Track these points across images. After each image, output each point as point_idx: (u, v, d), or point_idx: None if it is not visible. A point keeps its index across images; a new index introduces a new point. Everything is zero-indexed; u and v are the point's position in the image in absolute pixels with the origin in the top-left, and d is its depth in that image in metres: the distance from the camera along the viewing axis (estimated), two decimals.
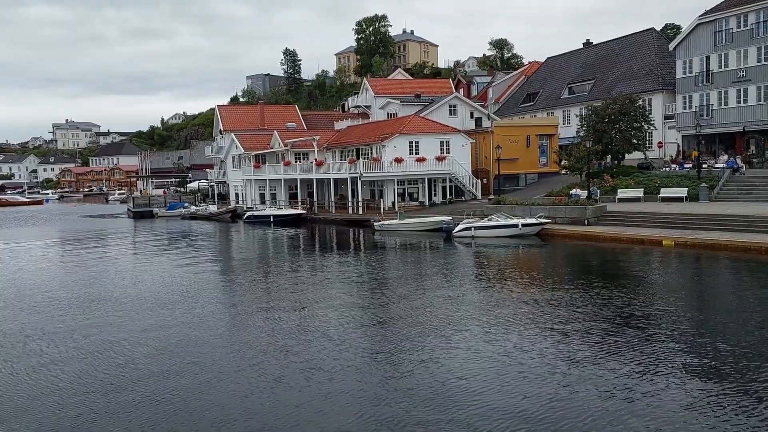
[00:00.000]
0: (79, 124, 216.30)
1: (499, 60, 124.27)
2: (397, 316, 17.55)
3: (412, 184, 49.37)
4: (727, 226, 28.51)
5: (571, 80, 63.85)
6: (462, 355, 13.64)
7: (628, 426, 9.86)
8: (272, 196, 57.70)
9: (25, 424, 10.75)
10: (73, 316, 18.68)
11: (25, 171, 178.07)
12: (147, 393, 11.98)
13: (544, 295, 19.35)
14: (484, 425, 10.05)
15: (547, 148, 53.30)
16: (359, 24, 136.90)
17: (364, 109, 72.12)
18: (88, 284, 24.23)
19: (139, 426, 10.51)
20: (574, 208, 34.68)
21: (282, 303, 19.80)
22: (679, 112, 49.05)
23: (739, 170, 38.80)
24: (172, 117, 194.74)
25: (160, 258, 31.93)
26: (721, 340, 14.04)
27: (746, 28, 43.92)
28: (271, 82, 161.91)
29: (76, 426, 10.64)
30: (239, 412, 10.94)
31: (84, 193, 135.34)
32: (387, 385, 12.01)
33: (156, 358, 14.15)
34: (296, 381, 12.41)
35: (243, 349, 14.74)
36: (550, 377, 12.02)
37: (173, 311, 18.84)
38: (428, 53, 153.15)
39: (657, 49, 55.41)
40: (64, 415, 11.08)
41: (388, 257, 30.55)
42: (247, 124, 65.58)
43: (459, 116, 57.67)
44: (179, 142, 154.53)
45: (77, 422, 10.78)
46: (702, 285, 21.41)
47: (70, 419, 10.91)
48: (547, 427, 9.92)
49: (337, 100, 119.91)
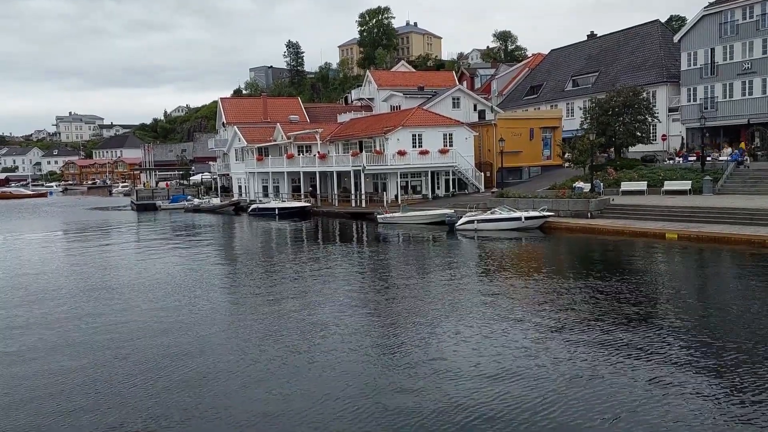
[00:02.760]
0: (82, 116, 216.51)
1: (502, 52, 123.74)
2: (399, 307, 17.58)
3: (415, 176, 49.31)
4: (731, 219, 28.43)
5: (575, 72, 63.59)
6: (463, 345, 13.66)
7: (627, 415, 9.91)
8: (275, 188, 57.74)
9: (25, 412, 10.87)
10: (75, 305, 18.76)
11: (28, 163, 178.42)
12: (147, 381, 12.07)
13: (545, 287, 19.35)
14: (485, 412, 10.09)
15: (550, 140, 53.14)
16: (362, 16, 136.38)
17: (367, 102, 71.93)
18: (90, 276, 24.31)
19: (138, 411, 10.61)
20: (578, 201, 34.61)
21: (287, 293, 19.87)
22: (684, 104, 48.83)
23: (744, 163, 38.66)
24: (175, 110, 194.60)
25: (163, 250, 32.00)
26: (722, 333, 14.03)
27: (752, 20, 43.62)
28: (274, 75, 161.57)
29: (75, 414, 10.75)
30: (240, 400, 11.00)
31: (88, 186, 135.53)
32: (388, 372, 12.06)
33: (157, 345, 14.22)
34: (299, 368, 12.48)
35: (246, 336, 14.80)
36: (552, 368, 12.06)
37: (178, 301, 18.91)
38: (432, 45, 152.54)
39: (662, 41, 55.12)
40: (66, 402, 11.18)
41: (391, 250, 30.58)
42: (250, 117, 65.49)
43: (462, 109, 57.45)
44: (182, 135, 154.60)
45: (77, 412, 10.88)
46: (705, 278, 21.38)
47: (74, 406, 11.02)
48: (546, 417, 9.96)
49: (340, 92, 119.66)
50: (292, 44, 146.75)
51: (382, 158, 47.47)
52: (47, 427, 10.44)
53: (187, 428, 10.25)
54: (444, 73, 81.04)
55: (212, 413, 10.70)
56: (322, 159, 51.98)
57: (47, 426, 10.46)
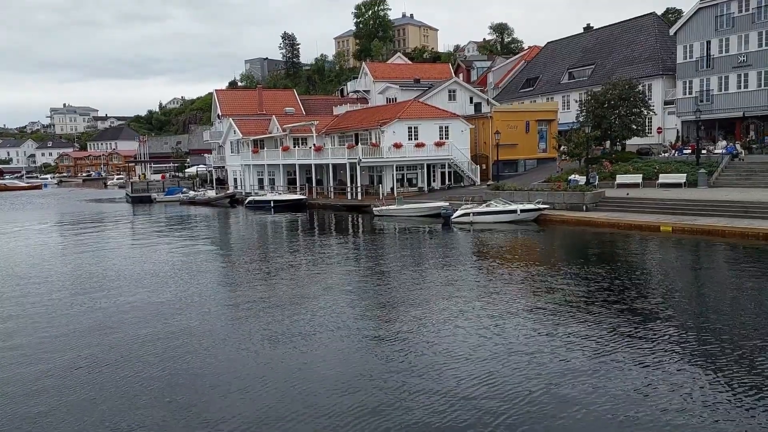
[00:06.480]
0: (76, 108, 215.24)
1: (499, 44, 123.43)
2: (393, 298, 17.62)
3: (411, 169, 49.29)
4: (726, 212, 28.54)
5: (571, 65, 63.52)
6: (458, 336, 13.72)
7: (623, 407, 9.98)
8: (271, 181, 57.65)
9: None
10: (67, 297, 18.73)
11: (23, 156, 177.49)
12: (136, 372, 12.09)
13: (540, 279, 19.42)
14: (478, 404, 10.15)
15: (546, 133, 53.15)
16: (358, 7, 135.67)
17: (363, 94, 71.75)
18: (83, 267, 24.25)
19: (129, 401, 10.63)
20: (573, 193, 34.68)
21: (282, 285, 19.88)
22: (679, 97, 48.85)
23: (738, 156, 38.75)
24: (170, 101, 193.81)
25: (158, 242, 31.95)
26: (714, 324, 14.12)
27: (747, 13, 43.58)
28: (269, 67, 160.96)
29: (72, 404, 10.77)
30: (234, 393, 11.04)
31: (83, 178, 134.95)
32: (381, 364, 12.10)
33: (148, 336, 14.24)
34: (292, 362, 12.51)
35: (240, 329, 14.82)
36: (546, 360, 12.12)
37: (171, 293, 18.91)
38: (428, 37, 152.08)
39: (657, 34, 55.07)
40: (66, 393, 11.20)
41: (387, 242, 30.61)
42: (245, 109, 65.29)
43: (458, 101, 57.37)
44: (177, 127, 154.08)
45: (75, 401, 10.90)
46: (698, 270, 21.48)
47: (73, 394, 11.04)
48: (540, 410, 10.02)
49: (336, 84, 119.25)
50: (287, 36, 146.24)
51: (377, 151, 47.42)
52: (34, 420, 10.45)
53: (183, 424, 10.27)
54: (440, 66, 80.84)
55: (208, 403, 10.73)
56: (317, 152, 51.89)
57: (34, 419, 10.47)
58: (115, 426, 10.03)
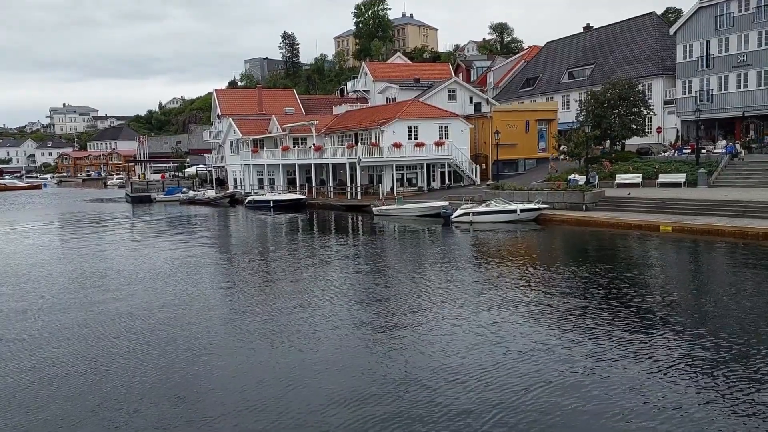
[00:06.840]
0: (76, 108, 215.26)
1: (498, 44, 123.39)
2: (393, 298, 17.61)
3: (411, 169, 49.28)
4: (725, 212, 28.54)
5: (570, 65, 63.53)
6: (457, 335, 13.71)
7: (621, 404, 9.98)
8: (270, 181, 57.64)
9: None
10: (65, 295, 18.72)
11: (22, 155, 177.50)
12: (135, 372, 12.09)
13: (540, 279, 19.41)
14: (476, 402, 10.15)
15: (546, 133, 53.15)
16: (358, 7, 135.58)
17: (363, 94, 71.74)
18: (82, 266, 24.24)
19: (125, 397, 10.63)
20: (573, 193, 34.68)
21: (282, 284, 19.89)
22: (679, 97, 48.85)
23: (738, 156, 38.75)
24: (169, 101, 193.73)
25: (158, 241, 31.93)
26: (714, 324, 14.12)
27: (747, 12, 43.59)
28: (269, 66, 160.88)
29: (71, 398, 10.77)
30: (233, 391, 11.03)
31: (82, 178, 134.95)
32: (380, 363, 12.10)
33: (148, 337, 14.24)
34: (291, 360, 12.51)
35: (239, 328, 14.81)
36: (545, 359, 12.12)
37: (170, 293, 18.89)
38: (428, 37, 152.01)
39: (657, 34, 55.08)
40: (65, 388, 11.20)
41: (386, 242, 30.61)
42: (245, 109, 65.27)
43: (458, 101, 57.34)
44: (177, 127, 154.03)
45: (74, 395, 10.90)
46: (698, 270, 21.48)
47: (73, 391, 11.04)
48: (538, 409, 10.02)
49: (335, 84, 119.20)
50: (287, 35, 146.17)
51: (377, 151, 47.42)
52: (34, 414, 10.45)
53: (179, 421, 10.27)
54: (440, 65, 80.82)
55: (207, 403, 10.73)
56: (317, 151, 51.87)
57: (34, 413, 10.47)
58: (115, 425, 10.03)
